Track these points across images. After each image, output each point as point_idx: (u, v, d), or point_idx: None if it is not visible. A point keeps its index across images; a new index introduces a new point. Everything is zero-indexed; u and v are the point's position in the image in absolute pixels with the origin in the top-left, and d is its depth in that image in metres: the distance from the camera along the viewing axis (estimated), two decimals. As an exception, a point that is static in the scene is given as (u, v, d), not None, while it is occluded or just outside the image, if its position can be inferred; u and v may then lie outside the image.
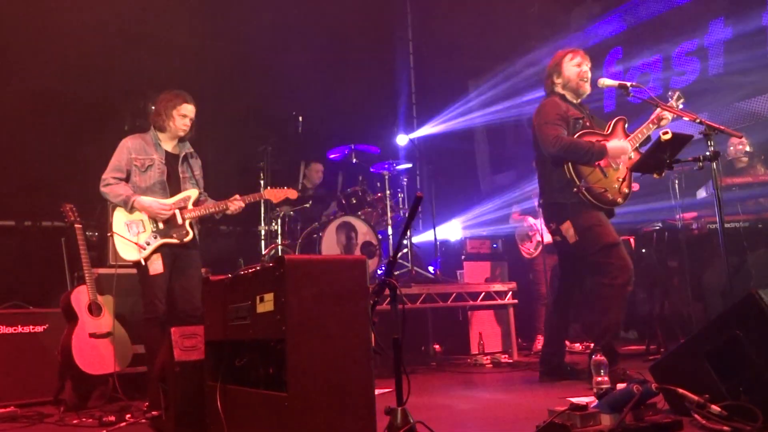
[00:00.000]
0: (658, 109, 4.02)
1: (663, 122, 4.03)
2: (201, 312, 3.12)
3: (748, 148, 5.43)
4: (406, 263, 6.26)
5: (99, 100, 6.42)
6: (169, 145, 4.22)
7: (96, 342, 4.19)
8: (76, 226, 4.37)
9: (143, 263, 3.98)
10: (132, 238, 3.99)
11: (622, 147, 3.98)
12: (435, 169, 7.84)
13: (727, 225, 4.69)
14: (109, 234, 4.21)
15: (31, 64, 6.10)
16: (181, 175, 4.21)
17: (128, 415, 3.49)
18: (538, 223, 6.34)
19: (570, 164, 3.95)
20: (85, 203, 4.90)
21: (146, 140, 4.18)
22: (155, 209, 4.02)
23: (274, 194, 4.49)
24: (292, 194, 4.58)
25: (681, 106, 4.05)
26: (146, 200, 4.03)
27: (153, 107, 4.23)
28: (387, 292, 2.49)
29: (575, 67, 4.18)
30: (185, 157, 4.26)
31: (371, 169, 6.66)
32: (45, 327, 4.51)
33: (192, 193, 4.18)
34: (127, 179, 4.11)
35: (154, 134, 4.20)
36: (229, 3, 7.56)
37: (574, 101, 4.22)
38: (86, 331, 4.19)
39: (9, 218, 6.16)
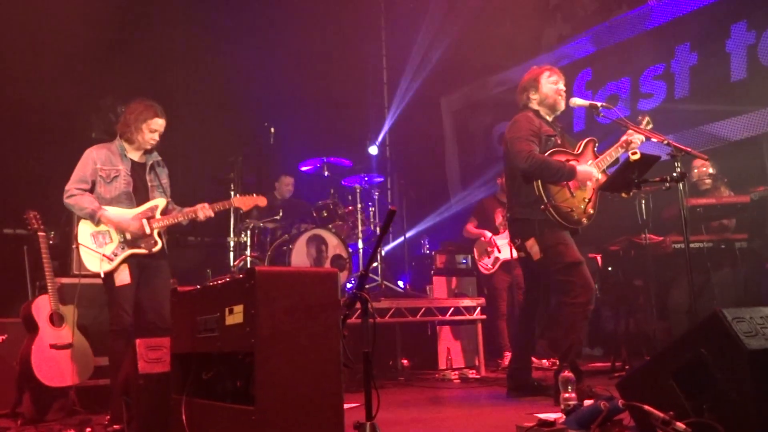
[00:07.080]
0: (626, 135, 4.09)
1: (631, 147, 4.08)
2: (170, 324, 3.07)
3: (711, 170, 5.57)
4: (376, 277, 6.25)
5: (66, 107, 6.30)
6: (135, 155, 4.11)
7: (56, 353, 4.09)
8: (40, 234, 4.28)
9: (108, 274, 3.87)
10: (98, 249, 3.87)
11: (590, 173, 4.03)
12: (406, 182, 7.87)
13: (691, 245, 4.81)
14: (74, 246, 4.09)
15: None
16: (149, 184, 4.11)
17: (88, 429, 3.42)
18: (498, 239, 6.38)
19: (539, 182, 3.97)
20: (48, 211, 4.77)
21: (112, 150, 4.05)
22: (123, 224, 3.91)
23: (243, 202, 4.42)
24: (262, 201, 4.52)
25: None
26: (113, 214, 3.92)
27: (121, 115, 4.09)
28: (358, 305, 2.48)
29: (553, 84, 4.21)
30: (152, 166, 4.15)
31: (343, 182, 6.65)
32: (4, 337, 4.39)
33: (159, 202, 4.07)
34: (91, 190, 3.98)
35: (120, 144, 4.08)
36: (202, 14, 7.53)
37: (548, 118, 4.25)
38: (47, 341, 4.08)
39: (-31, 225, 5.99)
